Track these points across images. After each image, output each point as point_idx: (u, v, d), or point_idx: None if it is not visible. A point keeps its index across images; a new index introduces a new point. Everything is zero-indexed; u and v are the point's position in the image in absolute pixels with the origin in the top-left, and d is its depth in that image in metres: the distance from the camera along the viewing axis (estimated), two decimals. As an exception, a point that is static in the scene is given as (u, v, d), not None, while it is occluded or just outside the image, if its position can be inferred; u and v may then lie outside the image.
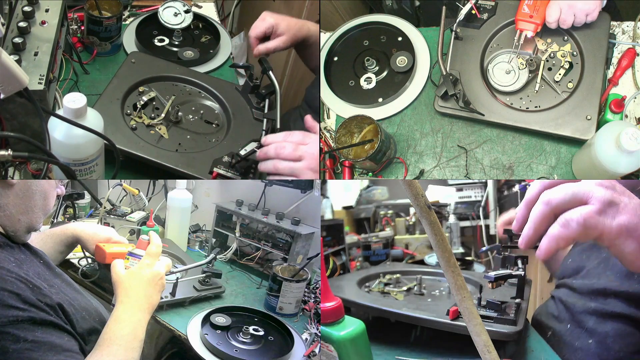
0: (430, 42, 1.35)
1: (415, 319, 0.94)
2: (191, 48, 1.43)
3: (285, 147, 1.03)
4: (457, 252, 1.82)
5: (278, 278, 1.21)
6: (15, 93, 0.86)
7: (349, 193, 2.03)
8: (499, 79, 1.24)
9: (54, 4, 1.17)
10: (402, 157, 1.28)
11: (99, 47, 1.36)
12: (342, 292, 1.13)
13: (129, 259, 1.00)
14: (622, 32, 1.27)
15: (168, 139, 1.17)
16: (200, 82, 1.30)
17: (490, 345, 0.53)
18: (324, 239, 1.42)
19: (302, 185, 1.51)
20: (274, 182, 1.53)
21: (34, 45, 1.09)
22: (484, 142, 1.26)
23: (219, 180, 1.13)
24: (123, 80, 1.23)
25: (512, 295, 0.98)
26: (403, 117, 1.31)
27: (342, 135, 1.22)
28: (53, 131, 0.92)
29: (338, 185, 1.91)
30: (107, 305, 1.05)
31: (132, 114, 1.19)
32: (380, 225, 1.77)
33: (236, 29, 2.19)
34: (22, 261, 0.80)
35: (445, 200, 2.05)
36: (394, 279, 1.23)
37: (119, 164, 0.97)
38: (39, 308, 0.73)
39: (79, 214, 1.69)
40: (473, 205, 2.05)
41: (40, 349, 0.70)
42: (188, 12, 1.45)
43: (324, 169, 1.31)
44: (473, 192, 2.08)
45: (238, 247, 1.57)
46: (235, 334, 1.07)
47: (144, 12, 1.51)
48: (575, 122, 1.17)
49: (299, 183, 1.51)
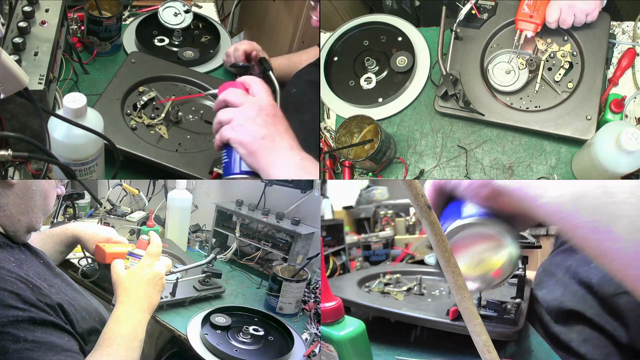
0: (430, 42, 1.35)
1: (415, 319, 0.94)
2: (191, 48, 1.43)
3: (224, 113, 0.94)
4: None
5: (278, 278, 1.21)
6: (15, 93, 0.86)
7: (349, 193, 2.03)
8: (499, 79, 1.24)
9: (54, 4, 1.17)
10: (402, 157, 1.28)
11: (99, 47, 1.36)
12: (342, 292, 1.13)
13: (129, 259, 1.00)
14: (622, 32, 1.26)
15: (168, 139, 1.17)
16: (201, 82, 1.30)
17: (490, 345, 0.53)
18: (324, 239, 1.42)
19: (302, 185, 1.51)
20: (274, 182, 1.53)
21: (34, 45, 1.09)
22: (484, 142, 1.26)
23: (219, 180, 1.13)
24: (123, 80, 1.23)
25: (512, 295, 0.98)
26: (403, 117, 1.31)
27: (342, 135, 1.22)
28: (53, 131, 0.92)
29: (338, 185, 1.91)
30: (107, 305, 1.05)
31: (132, 114, 1.19)
32: (380, 225, 1.77)
33: (236, 29, 2.20)
34: (22, 261, 0.80)
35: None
36: (394, 279, 1.23)
37: (119, 164, 0.97)
38: (39, 308, 0.73)
39: (79, 214, 1.69)
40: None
41: (40, 349, 0.70)
42: (188, 12, 1.45)
43: (324, 169, 1.31)
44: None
45: (238, 247, 1.57)
46: (235, 334, 1.07)
47: (144, 12, 1.51)
48: (575, 122, 1.17)
49: (299, 183, 1.51)
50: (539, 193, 0.54)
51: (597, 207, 0.46)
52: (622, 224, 0.44)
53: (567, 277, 0.97)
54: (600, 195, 0.46)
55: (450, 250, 0.53)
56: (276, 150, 0.89)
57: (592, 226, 0.46)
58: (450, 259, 0.53)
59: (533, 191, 0.55)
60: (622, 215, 0.44)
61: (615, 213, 0.45)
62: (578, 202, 0.48)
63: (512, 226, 0.67)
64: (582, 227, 0.48)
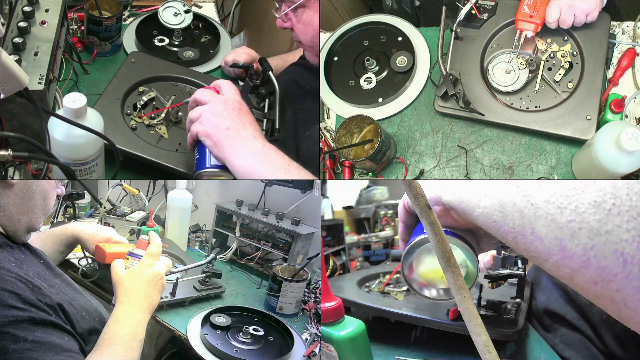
0: (430, 42, 1.35)
1: (415, 319, 0.94)
2: (191, 48, 1.43)
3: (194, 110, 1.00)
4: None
5: (278, 278, 1.21)
6: (15, 93, 0.86)
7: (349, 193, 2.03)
8: (499, 79, 1.24)
9: (54, 4, 1.17)
10: (402, 157, 1.28)
11: (99, 47, 1.36)
12: (342, 292, 1.13)
13: (129, 259, 1.00)
14: (622, 32, 1.26)
15: (168, 139, 1.17)
16: (201, 82, 1.30)
17: (490, 345, 0.53)
18: (324, 239, 1.42)
19: (302, 185, 1.51)
20: (274, 182, 1.53)
21: (34, 45, 1.09)
22: (484, 142, 1.26)
23: (219, 180, 1.13)
24: (123, 80, 1.23)
25: (512, 295, 0.98)
26: (403, 117, 1.31)
27: (342, 135, 1.22)
28: (53, 131, 0.92)
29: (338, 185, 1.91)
30: (107, 305, 1.05)
31: (132, 114, 1.19)
32: (380, 225, 1.77)
33: (236, 29, 2.19)
34: (22, 261, 0.80)
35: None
36: (394, 279, 1.23)
37: (119, 164, 0.97)
38: (39, 308, 0.73)
39: (79, 214, 1.69)
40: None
41: (40, 349, 0.70)
42: (188, 12, 1.45)
43: (324, 169, 1.31)
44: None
45: (238, 247, 1.57)
46: (235, 334, 1.07)
47: (144, 12, 1.51)
48: (575, 122, 1.17)
49: (299, 183, 1.51)
50: (474, 205, 0.55)
51: (519, 211, 0.47)
52: (542, 224, 0.44)
53: (550, 283, 0.97)
54: (520, 199, 0.47)
55: (450, 250, 0.53)
56: (240, 139, 0.94)
57: (519, 230, 0.47)
58: (450, 259, 0.53)
59: (468, 204, 0.57)
60: (542, 216, 0.44)
61: (536, 214, 0.45)
62: (504, 209, 0.49)
63: (480, 240, 0.70)
64: (510, 233, 0.49)
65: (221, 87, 1.02)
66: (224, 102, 0.98)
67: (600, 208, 0.39)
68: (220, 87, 1.02)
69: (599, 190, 0.40)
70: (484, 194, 0.54)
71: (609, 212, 0.39)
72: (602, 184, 0.40)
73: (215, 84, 1.04)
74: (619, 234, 0.38)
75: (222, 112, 0.96)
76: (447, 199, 0.63)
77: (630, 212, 0.38)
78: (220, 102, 0.98)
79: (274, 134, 1.16)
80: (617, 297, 0.39)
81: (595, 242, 0.39)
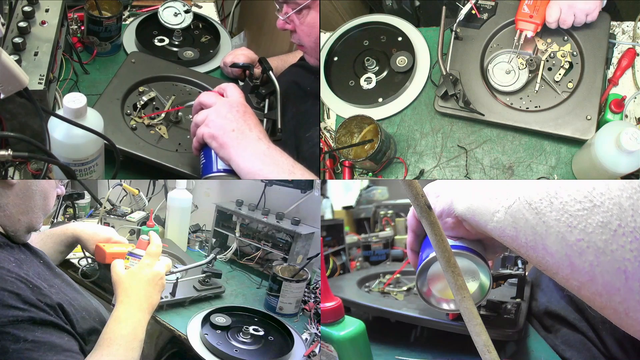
0: (430, 42, 1.35)
1: (415, 319, 0.94)
2: (191, 48, 1.43)
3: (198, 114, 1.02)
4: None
5: (278, 278, 1.21)
6: (15, 93, 0.86)
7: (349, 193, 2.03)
8: (499, 79, 1.24)
9: (54, 4, 1.17)
10: (402, 157, 1.28)
11: (99, 47, 1.36)
12: (342, 292, 1.13)
13: (129, 259, 1.00)
14: (622, 32, 1.26)
15: (168, 139, 1.17)
16: (201, 82, 1.30)
17: (490, 345, 0.53)
18: (324, 239, 1.42)
19: (302, 185, 1.51)
20: (274, 182, 1.53)
21: (34, 45, 1.09)
22: (484, 142, 1.26)
23: (219, 180, 1.13)
24: (123, 80, 1.23)
25: (512, 295, 0.98)
26: (403, 117, 1.31)
27: (342, 135, 1.22)
28: (53, 131, 0.92)
29: (338, 185, 1.91)
30: (107, 305, 1.05)
31: (132, 114, 1.19)
32: (380, 225, 1.77)
33: (236, 29, 2.20)
34: (22, 261, 0.80)
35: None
36: (394, 278, 1.23)
37: (119, 164, 0.97)
38: (39, 308, 0.73)
39: (79, 214, 1.69)
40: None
41: (40, 349, 0.70)
42: (188, 12, 1.45)
43: (324, 169, 1.31)
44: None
45: (238, 247, 1.57)
46: (235, 334, 1.07)
47: (144, 12, 1.51)
48: (575, 122, 1.17)
49: (299, 183, 1.51)
50: (487, 219, 0.58)
51: (532, 227, 0.50)
52: (553, 241, 0.48)
53: (550, 284, 0.97)
54: (533, 217, 0.50)
55: (450, 250, 0.53)
56: (245, 140, 0.96)
57: (531, 245, 0.51)
58: (450, 258, 0.53)
59: (481, 218, 0.60)
60: (553, 234, 0.48)
61: (547, 232, 0.48)
62: (517, 224, 0.53)
63: (486, 250, 0.71)
64: (523, 247, 0.52)
65: (226, 90, 1.03)
66: (229, 105, 0.99)
67: (607, 229, 0.43)
68: (225, 90, 1.03)
69: (605, 211, 0.43)
70: (496, 210, 0.56)
71: (614, 233, 0.42)
72: (608, 204, 0.44)
73: (220, 87, 1.04)
74: (622, 254, 0.42)
75: (227, 114, 0.97)
76: (459, 211, 0.65)
77: (633, 234, 0.41)
78: (225, 105, 0.99)
79: (275, 134, 1.16)
80: (620, 308, 0.43)
81: (600, 260, 0.43)
